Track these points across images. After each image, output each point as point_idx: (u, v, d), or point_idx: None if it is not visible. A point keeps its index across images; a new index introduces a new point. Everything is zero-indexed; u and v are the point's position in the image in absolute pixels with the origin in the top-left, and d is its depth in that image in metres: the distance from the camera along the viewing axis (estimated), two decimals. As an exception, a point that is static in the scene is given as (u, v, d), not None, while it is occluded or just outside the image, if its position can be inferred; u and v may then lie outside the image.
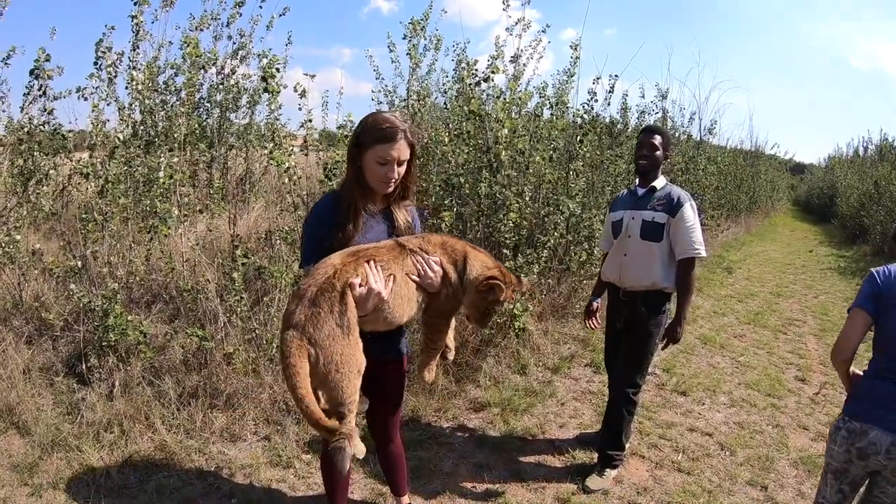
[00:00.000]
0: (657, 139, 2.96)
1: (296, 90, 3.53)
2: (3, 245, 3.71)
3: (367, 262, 1.74)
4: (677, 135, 9.66)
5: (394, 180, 1.90)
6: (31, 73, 3.68)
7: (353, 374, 1.72)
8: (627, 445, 3.19)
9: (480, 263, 1.97)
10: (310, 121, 3.66)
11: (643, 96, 10.24)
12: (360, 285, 1.70)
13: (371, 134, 1.82)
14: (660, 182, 2.99)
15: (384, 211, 2.01)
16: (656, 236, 2.86)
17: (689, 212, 2.84)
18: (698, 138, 10.46)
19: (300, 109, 3.45)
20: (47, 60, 3.66)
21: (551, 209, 4.72)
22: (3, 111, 4.49)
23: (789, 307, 7.12)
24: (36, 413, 3.02)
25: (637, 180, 3.08)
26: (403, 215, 2.04)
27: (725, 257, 9.94)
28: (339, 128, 3.73)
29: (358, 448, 1.77)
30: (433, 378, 2.16)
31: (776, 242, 13.60)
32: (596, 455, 3.11)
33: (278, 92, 3.59)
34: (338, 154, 3.43)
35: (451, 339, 2.17)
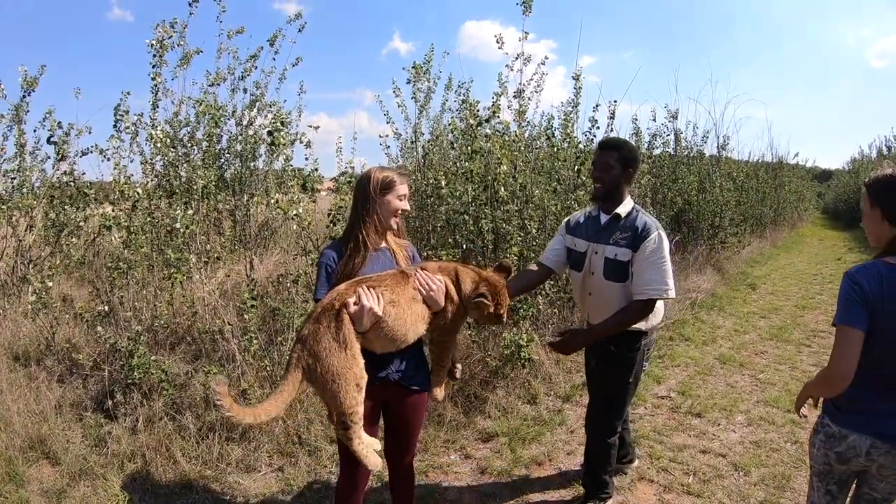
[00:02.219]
0: (612, 155, 2.54)
1: (301, 142, 3.77)
2: (37, 292, 4.00)
3: (363, 285, 1.97)
4: (690, 154, 9.62)
5: (404, 211, 2.22)
6: (48, 140, 4.03)
7: (350, 386, 1.92)
8: (619, 479, 3.17)
9: (470, 278, 2.22)
10: (316, 170, 3.87)
11: (654, 119, 10.19)
12: (354, 304, 1.93)
13: (389, 180, 2.16)
14: (625, 207, 2.57)
15: (382, 248, 2.25)
16: (620, 276, 2.51)
17: (654, 244, 2.44)
18: (716, 155, 10.37)
19: (306, 160, 3.70)
20: (60, 127, 4.02)
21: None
22: (41, 169, 4.90)
23: (814, 319, 6.97)
24: (66, 444, 3.28)
25: (599, 206, 2.69)
26: (402, 250, 2.30)
27: (749, 273, 9.76)
28: (341, 174, 3.93)
29: (371, 460, 2.00)
30: (443, 396, 2.34)
31: (803, 253, 13.29)
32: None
33: (285, 145, 3.80)
34: (342, 200, 3.64)
35: (456, 357, 2.37)
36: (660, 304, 2.63)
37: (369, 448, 2.02)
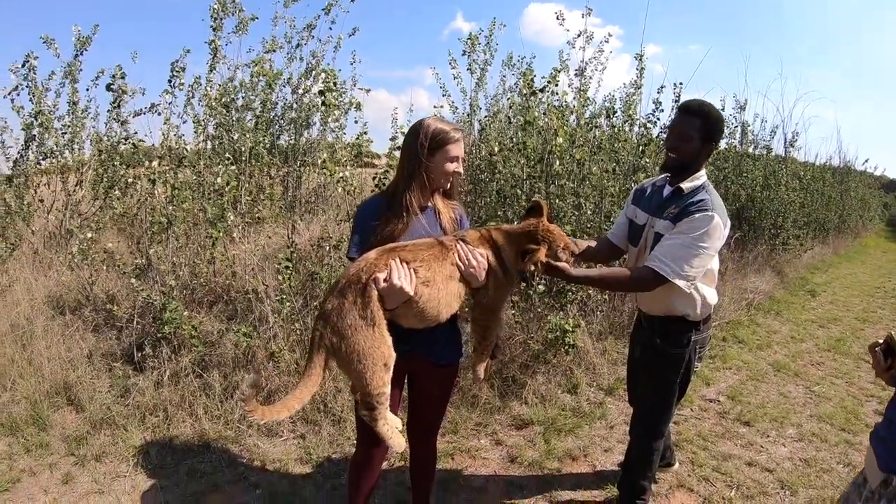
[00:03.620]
0: (693, 123, 2.12)
1: (351, 104, 3.65)
2: (80, 244, 4.04)
3: (396, 257, 1.77)
4: (757, 149, 9.10)
5: (456, 173, 1.99)
6: (108, 87, 4.03)
7: (377, 366, 1.75)
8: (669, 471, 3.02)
9: (505, 238, 1.97)
10: (365, 133, 3.75)
11: (723, 108, 9.55)
12: (385, 280, 1.72)
13: (440, 137, 1.92)
14: (693, 182, 2.18)
15: (427, 208, 2.03)
16: None
17: (699, 221, 2.05)
18: (782, 153, 9.82)
19: (356, 122, 3.59)
20: (122, 77, 4.01)
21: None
22: (93, 127, 4.98)
23: (875, 334, 6.47)
24: (92, 393, 3.31)
25: (667, 177, 2.33)
26: (448, 211, 2.07)
27: (809, 279, 9.24)
28: (391, 139, 3.80)
29: (395, 441, 1.84)
30: (485, 375, 2.12)
31: (866, 265, 12.51)
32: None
33: (336, 106, 3.65)
34: (390, 166, 3.53)
35: (500, 336, 2.17)
36: (710, 293, 2.28)
37: (394, 428, 1.86)
